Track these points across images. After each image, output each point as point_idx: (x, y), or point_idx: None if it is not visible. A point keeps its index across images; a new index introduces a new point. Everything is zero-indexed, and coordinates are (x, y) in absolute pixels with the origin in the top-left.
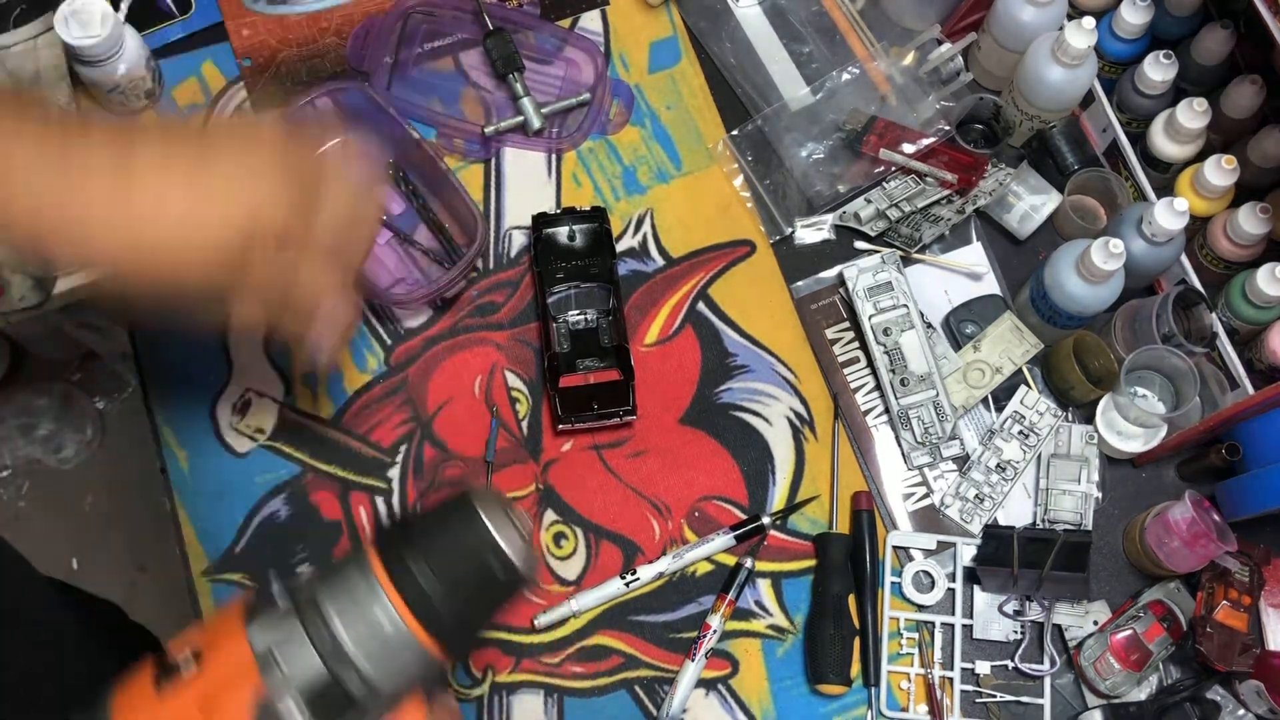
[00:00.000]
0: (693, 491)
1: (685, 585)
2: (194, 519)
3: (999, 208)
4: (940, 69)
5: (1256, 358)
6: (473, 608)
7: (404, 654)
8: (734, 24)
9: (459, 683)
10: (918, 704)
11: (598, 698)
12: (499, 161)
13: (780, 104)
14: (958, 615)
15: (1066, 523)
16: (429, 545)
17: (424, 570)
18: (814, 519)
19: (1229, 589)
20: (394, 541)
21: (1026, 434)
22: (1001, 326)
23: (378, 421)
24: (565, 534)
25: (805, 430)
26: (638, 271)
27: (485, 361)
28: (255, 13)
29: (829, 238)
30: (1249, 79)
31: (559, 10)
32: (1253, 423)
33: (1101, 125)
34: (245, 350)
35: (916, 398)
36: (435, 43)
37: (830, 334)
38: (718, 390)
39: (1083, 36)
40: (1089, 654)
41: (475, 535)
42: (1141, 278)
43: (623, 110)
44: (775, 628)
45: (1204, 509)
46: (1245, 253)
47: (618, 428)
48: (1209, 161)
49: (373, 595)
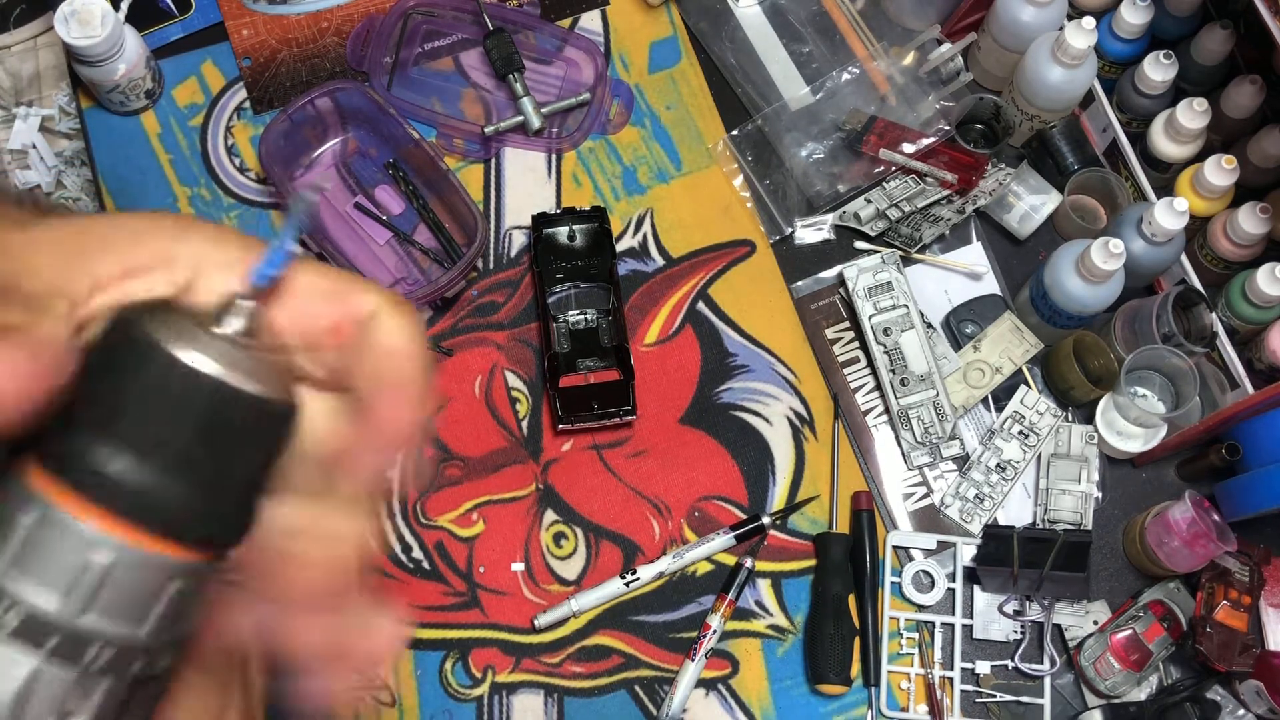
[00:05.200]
0: (693, 491)
1: (685, 585)
2: None
3: (999, 208)
4: (940, 69)
5: (1256, 358)
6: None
7: (145, 580)
8: (734, 24)
9: (459, 683)
10: (918, 704)
11: (598, 698)
12: (499, 161)
13: (780, 104)
14: (958, 615)
15: (1066, 523)
16: (109, 420)
17: (117, 458)
18: (814, 519)
19: (1229, 589)
20: (52, 439)
21: (1026, 434)
22: (1001, 326)
23: None
24: (565, 534)
25: (805, 430)
26: (638, 271)
27: (485, 361)
28: (255, 12)
29: (829, 238)
30: (1249, 79)
31: (559, 10)
32: (1253, 423)
33: (1101, 125)
34: None
35: (916, 398)
36: (435, 43)
37: (830, 334)
38: (718, 390)
39: (1083, 36)
40: (1089, 654)
41: (169, 375)
42: (1141, 278)
43: (623, 110)
44: (775, 628)
45: (1204, 509)
46: (1245, 253)
47: (618, 427)
48: (1209, 161)
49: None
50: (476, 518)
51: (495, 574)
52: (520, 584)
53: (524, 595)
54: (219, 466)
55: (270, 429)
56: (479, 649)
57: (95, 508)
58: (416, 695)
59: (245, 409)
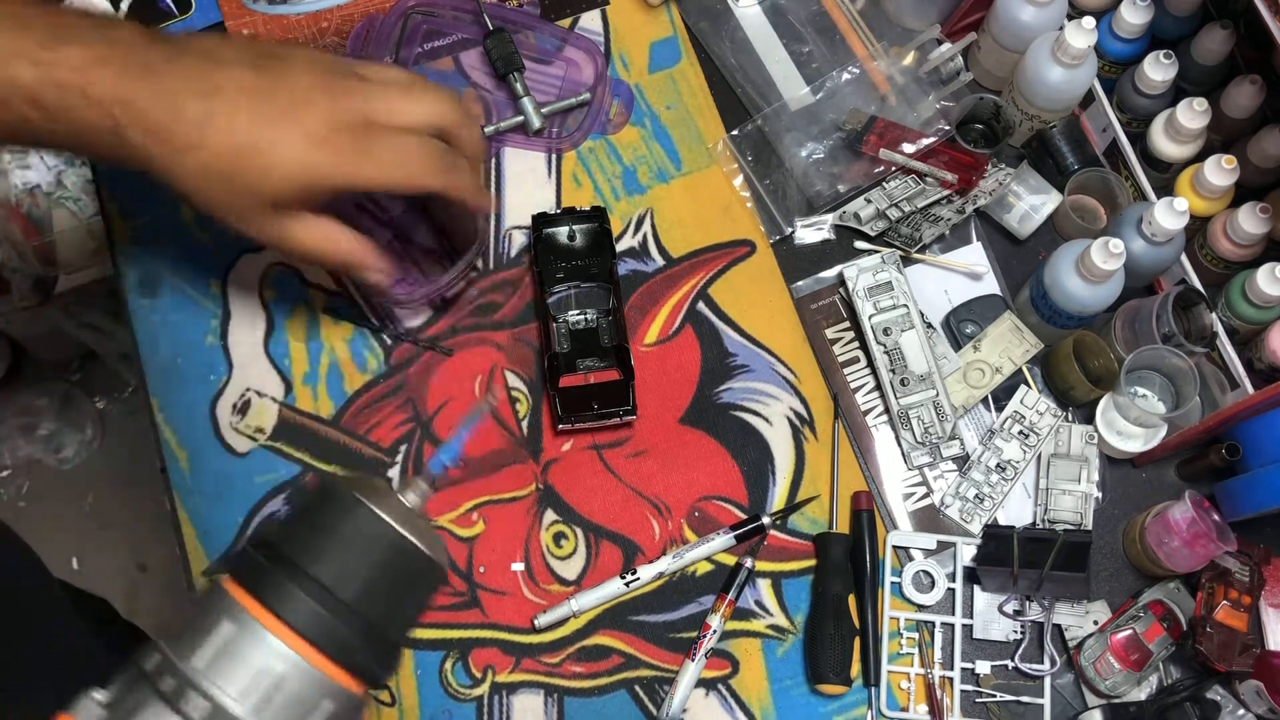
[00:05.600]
0: (693, 491)
1: (685, 585)
2: (194, 519)
3: (999, 208)
4: (940, 69)
5: (1256, 358)
6: (383, 617)
7: (308, 695)
8: (734, 24)
9: (459, 683)
10: (918, 704)
11: (598, 698)
12: (499, 161)
13: (780, 104)
14: (958, 615)
15: (1066, 523)
16: (306, 556)
17: (309, 588)
18: (814, 519)
19: (1229, 589)
20: (258, 567)
21: (1026, 434)
22: (1001, 326)
23: (378, 421)
24: (565, 534)
25: (805, 430)
26: (638, 271)
27: (485, 361)
28: (255, 12)
29: (829, 238)
30: (1249, 79)
31: (559, 10)
32: (1253, 423)
33: (1101, 125)
34: (245, 350)
35: (916, 398)
36: (435, 43)
37: (830, 334)
38: (718, 390)
39: (1083, 36)
40: (1089, 654)
41: (364, 529)
42: (1141, 278)
43: (623, 110)
44: (775, 628)
45: (1204, 509)
46: (1245, 253)
47: (618, 427)
48: (1209, 161)
49: (249, 633)
50: (476, 518)
51: (495, 574)
52: (520, 584)
53: (524, 595)
54: (388, 609)
55: (427, 584)
56: (479, 649)
57: (288, 627)
58: (416, 695)
59: (415, 562)
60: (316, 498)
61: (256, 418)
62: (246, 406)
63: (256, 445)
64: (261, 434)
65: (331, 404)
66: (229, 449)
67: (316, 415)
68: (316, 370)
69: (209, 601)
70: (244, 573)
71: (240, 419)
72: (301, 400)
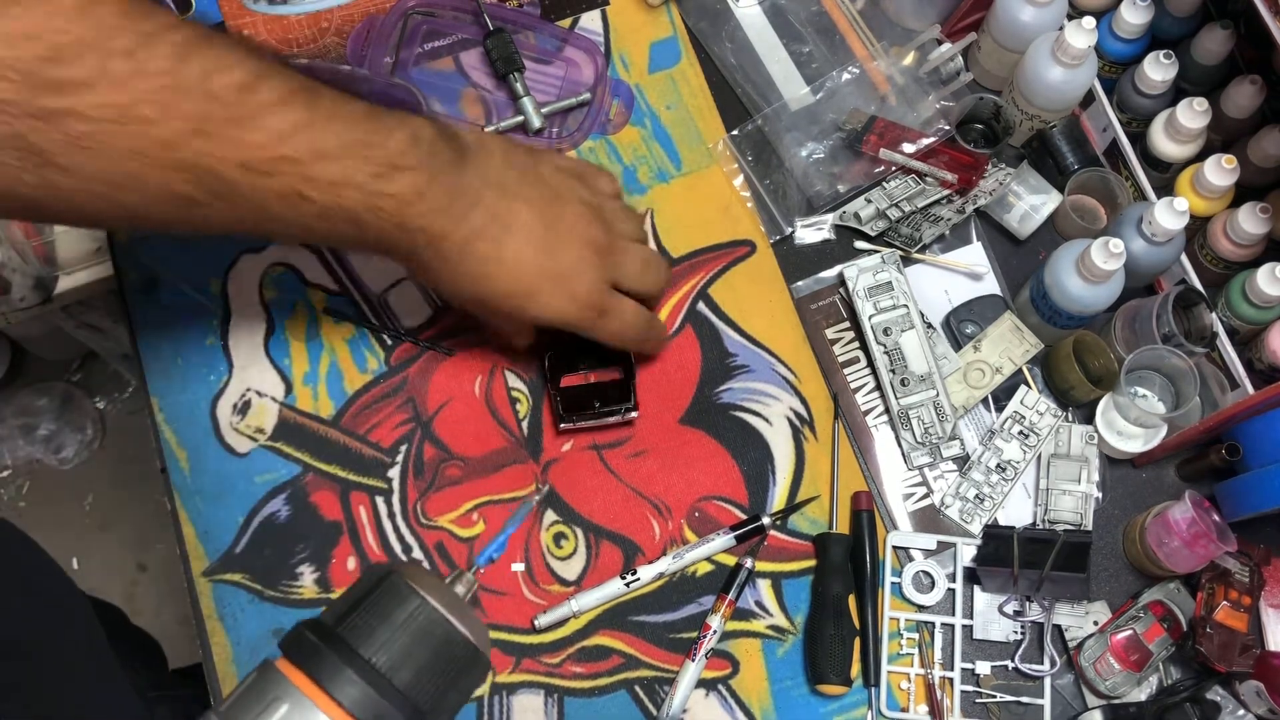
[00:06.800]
0: (693, 491)
1: (685, 585)
2: (194, 519)
3: (999, 208)
4: (940, 69)
5: (1256, 358)
6: (430, 705)
7: None
8: (734, 24)
9: None
10: (918, 704)
11: (598, 698)
12: None
13: (780, 104)
14: (958, 615)
15: (1066, 523)
16: (360, 640)
17: (362, 670)
18: (814, 519)
19: (1229, 589)
20: (312, 649)
21: (1026, 434)
22: (1001, 326)
23: (378, 421)
24: (565, 534)
25: (805, 430)
26: None
27: (485, 361)
28: (255, 13)
29: (829, 238)
30: (1249, 79)
31: (559, 10)
32: (1253, 423)
33: (1101, 125)
34: (245, 350)
35: (916, 398)
36: (435, 43)
37: (830, 334)
38: (718, 390)
39: (1083, 36)
40: (1089, 654)
41: (417, 616)
42: (1141, 278)
43: (623, 110)
44: (775, 628)
45: (1204, 509)
46: (1245, 253)
47: (618, 427)
48: (1209, 161)
49: (301, 712)
50: (477, 518)
51: (495, 574)
52: (520, 584)
53: (524, 595)
54: (435, 697)
55: (472, 677)
56: None
57: (340, 708)
58: None
59: (464, 653)
60: (370, 583)
61: (257, 418)
62: (247, 406)
63: (257, 445)
64: (262, 434)
65: (332, 404)
66: (229, 449)
67: (317, 415)
68: (317, 370)
69: (261, 680)
70: (298, 652)
71: (240, 419)
72: (302, 400)
